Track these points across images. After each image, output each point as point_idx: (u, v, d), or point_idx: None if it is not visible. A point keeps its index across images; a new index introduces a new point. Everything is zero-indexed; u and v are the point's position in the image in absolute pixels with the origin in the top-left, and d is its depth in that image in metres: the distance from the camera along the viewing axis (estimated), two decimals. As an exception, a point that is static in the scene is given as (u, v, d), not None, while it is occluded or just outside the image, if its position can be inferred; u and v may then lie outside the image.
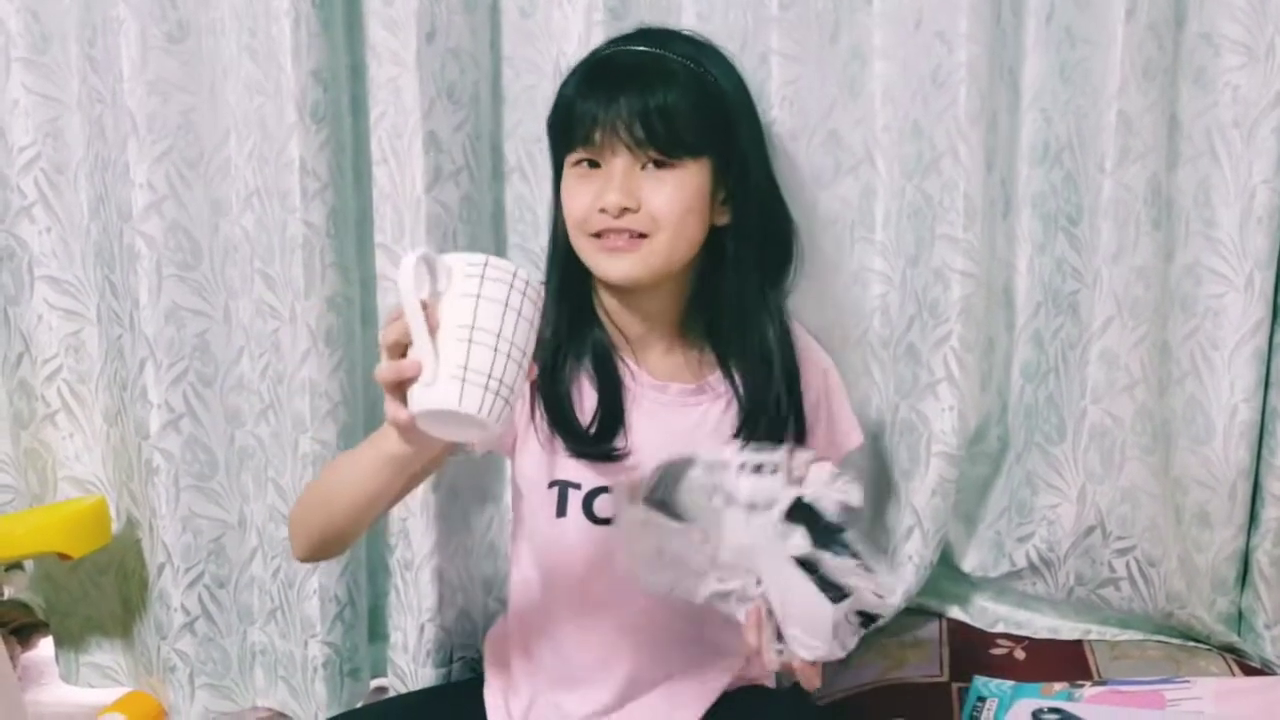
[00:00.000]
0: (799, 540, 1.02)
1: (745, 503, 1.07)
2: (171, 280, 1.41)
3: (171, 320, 1.42)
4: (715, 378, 1.25)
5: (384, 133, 1.37)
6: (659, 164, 1.15)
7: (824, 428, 1.30)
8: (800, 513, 1.03)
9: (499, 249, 1.46)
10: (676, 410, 1.24)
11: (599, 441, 1.22)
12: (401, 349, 0.94)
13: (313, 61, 1.33)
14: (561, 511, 1.23)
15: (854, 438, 1.33)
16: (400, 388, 0.94)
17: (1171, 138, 1.37)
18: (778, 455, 1.08)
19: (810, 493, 1.05)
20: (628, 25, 1.32)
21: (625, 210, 1.14)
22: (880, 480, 1.51)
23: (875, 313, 1.45)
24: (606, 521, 1.22)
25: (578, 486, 1.23)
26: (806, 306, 1.40)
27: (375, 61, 1.36)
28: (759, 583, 1.06)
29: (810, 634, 1.03)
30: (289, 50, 1.32)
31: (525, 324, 0.94)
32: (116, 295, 1.47)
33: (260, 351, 1.45)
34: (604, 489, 1.22)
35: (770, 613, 1.05)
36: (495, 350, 0.91)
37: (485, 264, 0.92)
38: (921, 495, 1.45)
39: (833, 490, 1.06)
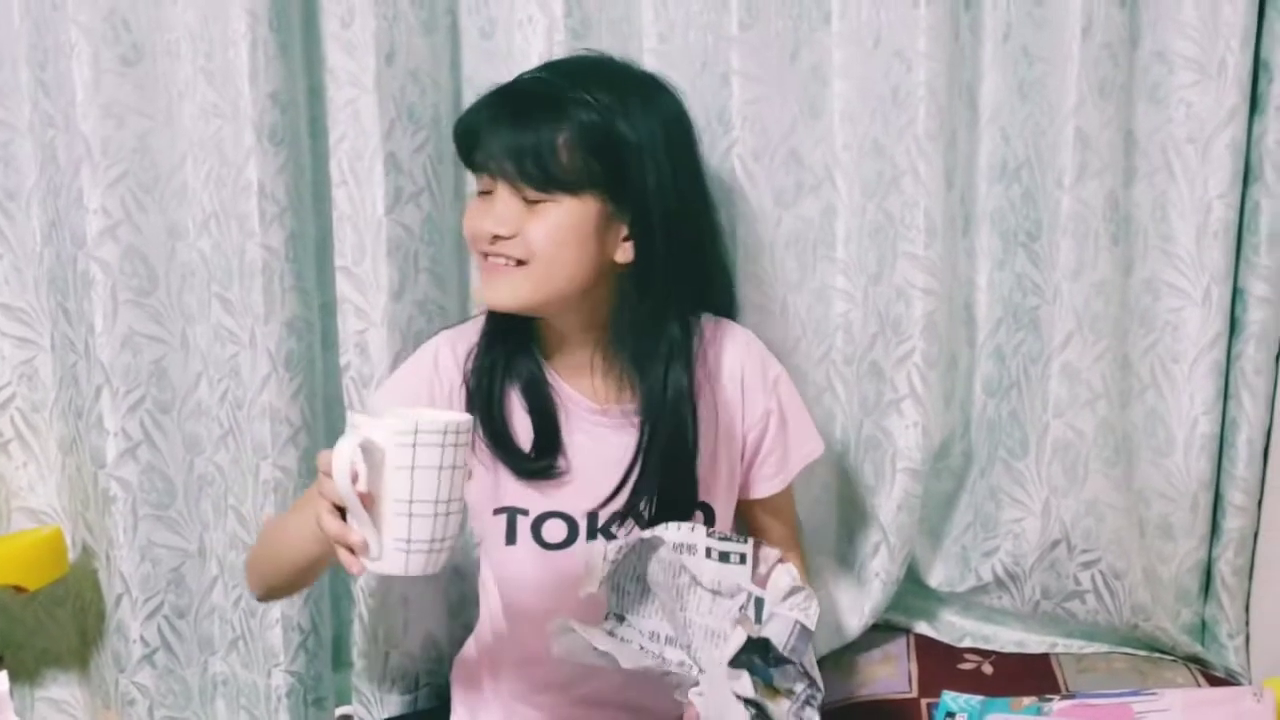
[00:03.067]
0: (745, 684, 1.04)
1: (709, 587, 1.10)
2: (127, 306, 1.39)
3: (128, 347, 1.40)
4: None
5: (343, 155, 1.36)
6: (530, 199, 1.15)
7: (777, 436, 1.30)
8: (747, 653, 1.04)
9: (461, 269, 1.45)
10: (617, 431, 1.24)
11: (539, 461, 1.23)
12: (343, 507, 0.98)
13: (270, 84, 1.32)
14: (511, 539, 1.24)
15: (813, 447, 1.34)
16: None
17: (1128, 154, 1.39)
18: (745, 546, 1.10)
19: (769, 608, 1.07)
20: (588, 46, 1.32)
21: (498, 238, 1.16)
22: (846, 497, 1.51)
23: (838, 330, 1.46)
24: (557, 546, 1.23)
25: (525, 512, 1.24)
26: (770, 325, 1.41)
27: (334, 84, 1.35)
28: (699, 674, 1.08)
29: None
30: (246, 73, 1.31)
31: (460, 473, 0.98)
32: (71, 322, 1.44)
33: (219, 377, 1.43)
34: (551, 514, 1.23)
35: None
36: (434, 516, 0.96)
37: (415, 433, 0.94)
38: (887, 511, 1.45)
39: (789, 609, 1.07)
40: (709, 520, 1.26)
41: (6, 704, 1.60)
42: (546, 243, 1.15)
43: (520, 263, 1.16)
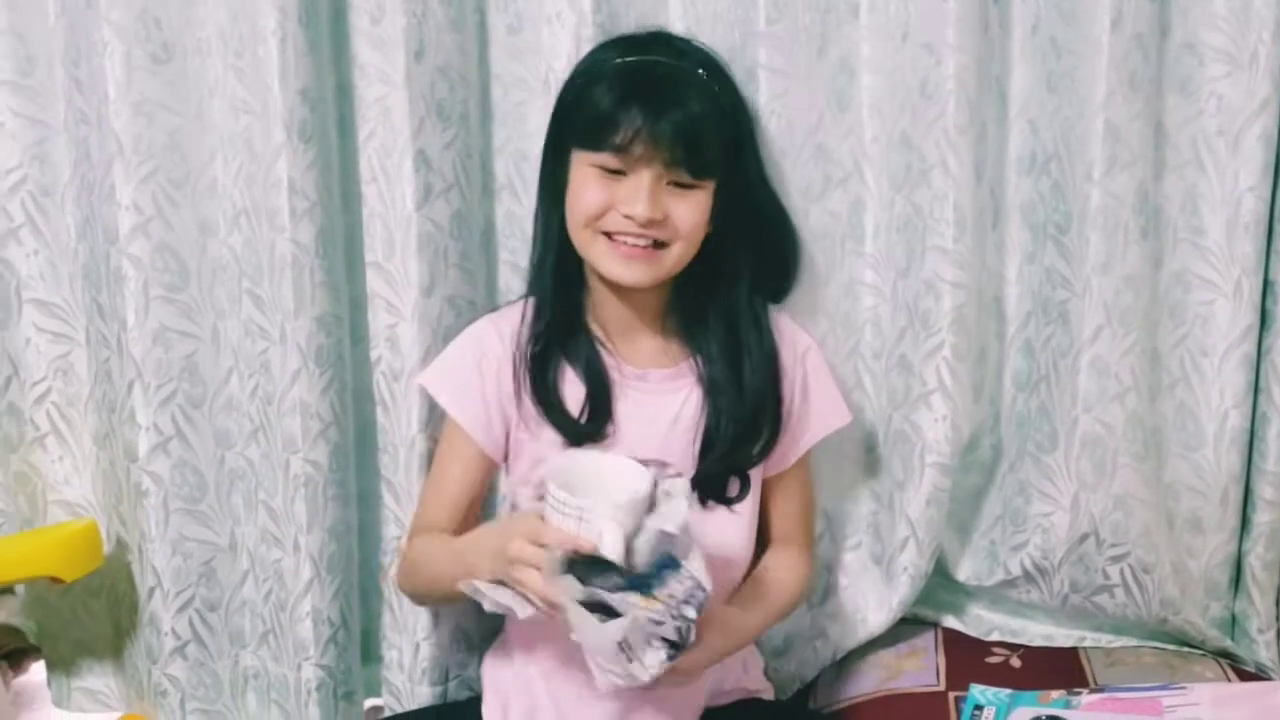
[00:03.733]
0: (571, 585, 1.06)
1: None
2: (159, 302, 1.40)
3: (159, 342, 1.41)
4: (691, 363, 1.31)
5: (373, 151, 1.36)
6: (681, 183, 1.21)
7: (803, 407, 1.35)
8: (576, 564, 1.06)
9: (490, 265, 1.46)
10: (660, 396, 1.30)
11: (589, 425, 1.27)
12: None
13: (300, 81, 1.33)
14: None
15: (837, 417, 1.38)
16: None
17: (1158, 147, 1.37)
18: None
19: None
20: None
21: (653, 222, 1.20)
22: (874, 491, 1.51)
23: (866, 325, 1.45)
24: None
25: None
26: (797, 319, 1.41)
27: (364, 80, 1.35)
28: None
29: (607, 660, 1.07)
30: (276, 70, 1.32)
31: None
32: (104, 317, 1.46)
33: (250, 372, 1.45)
34: None
35: None
36: None
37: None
38: (916, 506, 1.45)
39: (652, 520, 1.08)
40: (744, 489, 1.31)
41: (44, 693, 1.62)
42: (694, 227, 1.23)
43: (660, 244, 1.22)
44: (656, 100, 1.19)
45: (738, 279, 1.30)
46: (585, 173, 1.22)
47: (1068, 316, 1.41)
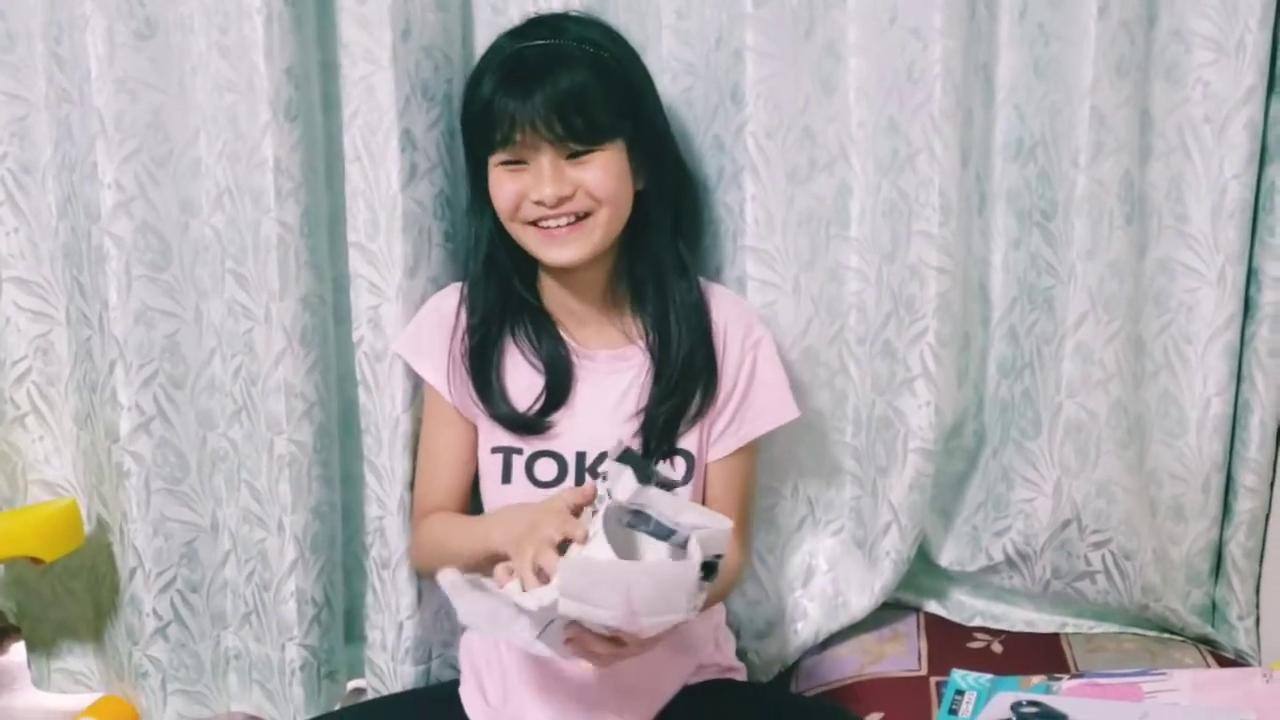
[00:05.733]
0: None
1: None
2: (141, 281, 1.40)
3: (141, 321, 1.40)
4: (640, 344, 1.32)
5: (357, 131, 1.35)
6: (580, 152, 1.22)
7: (748, 392, 1.34)
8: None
9: (473, 245, 1.45)
10: (607, 376, 1.31)
11: (538, 416, 1.29)
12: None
13: (286, 59, 1.32)
14: (507, 478, 1.30)
15: (786, 410, 1.36)
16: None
17: (1144, 133, 1.38)
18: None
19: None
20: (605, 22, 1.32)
21: (562, 200, 1.21)
22: (857, 476, 1.51)
23: (851, 310, 1.45)
24: (548, 485, 1.29)
25: (519, 451, 1.30)
26: (782, 304, 1.41)
27: (349, 59, 1.34)
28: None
29: (664, 610, 1.04)
30: (262, 48, 1.31)
31: None
32: (85, 296, 1.45)
33: (233, 353, 1.44)
34: (543, 453, 1.29)
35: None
36: None
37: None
38: (899, 491, 1.45)
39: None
40: (690, 469, 1.31)
41: (23, 674, 1.62)
42: (610, 191, 1.23)
43: (583, 216, 1.23)
44: (522, 84, 1.20)
45: (659, 226, 1.30)
46: (496, 173, 1.25)
47: (1052, 303, 1.41)
